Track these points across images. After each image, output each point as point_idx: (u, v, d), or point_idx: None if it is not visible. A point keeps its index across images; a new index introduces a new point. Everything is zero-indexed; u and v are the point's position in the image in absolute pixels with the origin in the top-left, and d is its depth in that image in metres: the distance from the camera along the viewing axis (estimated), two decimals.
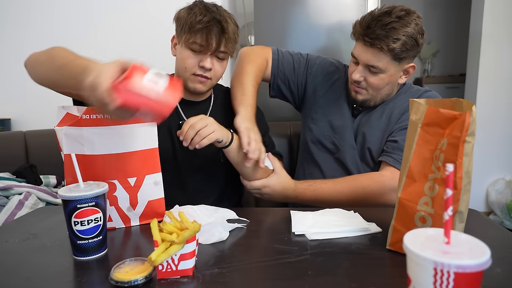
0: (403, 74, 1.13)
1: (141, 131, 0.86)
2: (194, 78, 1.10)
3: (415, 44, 1.05)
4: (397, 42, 1.02)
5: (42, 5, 1.93)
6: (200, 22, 1.03)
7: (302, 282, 0.61)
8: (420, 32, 1.05)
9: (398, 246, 0.70)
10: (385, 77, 1.10)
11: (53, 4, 1.93)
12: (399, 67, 1.10)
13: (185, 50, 1.07)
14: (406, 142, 0.71)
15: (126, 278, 0.59)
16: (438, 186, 0.64)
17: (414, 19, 1.04)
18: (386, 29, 1.02)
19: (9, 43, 1.98)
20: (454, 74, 3.91)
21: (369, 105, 1.19)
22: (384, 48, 1.03)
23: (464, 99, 0.68)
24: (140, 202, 0.88)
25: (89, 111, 0.82)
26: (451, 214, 0.44)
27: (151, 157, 0.88)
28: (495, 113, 2.59)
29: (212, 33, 1.04)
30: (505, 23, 2.49)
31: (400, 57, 1.06)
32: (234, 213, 0.93)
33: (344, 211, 0.91)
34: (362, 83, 1.13)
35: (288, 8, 1.83)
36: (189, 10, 1.07)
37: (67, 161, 0.80)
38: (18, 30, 1.96)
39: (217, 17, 1.05)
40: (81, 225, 0.70)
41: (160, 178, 0.89)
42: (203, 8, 1.06)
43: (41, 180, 1.55)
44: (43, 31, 1.95)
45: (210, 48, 1.05)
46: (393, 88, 1.17)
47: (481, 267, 0.40)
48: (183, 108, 1.18)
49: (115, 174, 0.84)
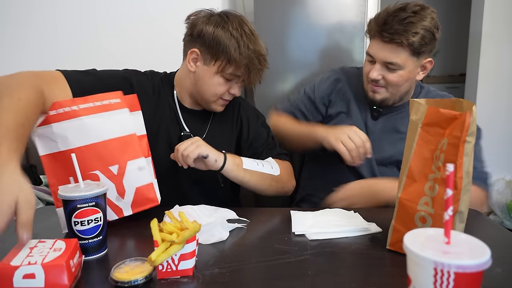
0: (421, 70, 1.12)
1: (113, 119, 0.85)
2: (219, 102, 1.09)
3: (433, 38, 1.04)
4: (416, 35, 1.01)
5: (43, 5, 1.93)
6: (245, 56, 0.99)
7: (302, 282, 0.61)
8: (436, 26, 1.05)
9: (398, 246, 0.70)
10: (404, 73, 1.08)
11: (55, 4, 1.93)
12: (417, 63, 1.08)
13: (218, 77, 1.03)
14: (406, 142, 0.71)
15: (126, 278, 0.59)
16: (438, 186, 0.64)
17: (429, 13, 1.04)
18: (404, 23, 1.01)
19: (9, 43, 1.98)
20: (454, 74, 3.91)
21: (387, 104, 1.17)
22: (404, 42, 1.02)
23: (464, 99, 0.68)
24: (128, 190, 0.86)
25: (56, 106, 0.80)
26: (451, 214, 0.44)
27: (130, 143, 0.86)
28: (495, 113, 2.59)
29: (254, 67, 1.01)
30: (505, 23, 2.49)
31: (419, 52, 1.05)
32: (234, 213, 0.93)
33: (344, 211, 0.91)
34: (381, 82, 1.11)
35: (288, 8, 1.83)
36: (229, 35, 0.99)
37: (45, 163, 0.81)
38: (18, 30, 1.96)
39: (261, 51, 1.02)
40: (81, 225, 0.70)
41: (144, 163, 0.87)
42: (247, 36, 1.00)
43: (41, 180, 1.55)
44: (44, 31, 1.95)
45: (244, 82, 1.05)
46: (411, 85, 1.15)
47: (481, 267, 0.40)
48: (184, 116, 1.14)
49: (95, 165, 0.83)
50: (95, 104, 0.83)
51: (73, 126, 0.81)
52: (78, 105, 0.82)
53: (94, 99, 0.84)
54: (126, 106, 0.87)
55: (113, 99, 0.86)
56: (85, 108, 0.82)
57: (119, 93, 0.87)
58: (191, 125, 1.14)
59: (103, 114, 0.83)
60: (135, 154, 0.86)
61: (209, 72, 1.03)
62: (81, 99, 0.83)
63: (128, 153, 0.86)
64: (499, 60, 2.53)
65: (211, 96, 1.07)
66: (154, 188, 0.90)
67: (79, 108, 0.81)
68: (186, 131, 1.13)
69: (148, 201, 0.87)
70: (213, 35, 1.00)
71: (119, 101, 0.86)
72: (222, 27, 1.00)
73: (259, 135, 1.19)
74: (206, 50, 1.02)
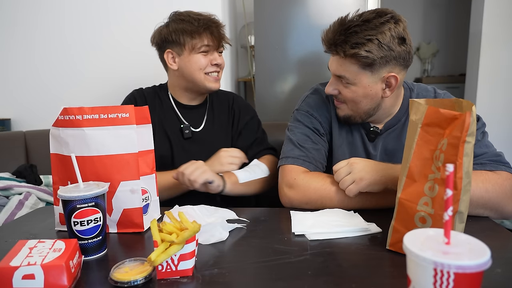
0: (385, 86, 0.97)
1: (116, 134, 0.82)
2: (210, 78, 1.22)
3: (387, 48, 0.91)
4: (357, 47, 0.91)
5: (44, 6, 1.93)
6: (200, 25, 1.16)
7: (302, 282, 0.61)
8: (396, 36, 0.91)
9: (398, 246, 0.70)
10: (358, 89, 0.97)
11: (56, 4, 1.93)
12: (373, 78, 0.95)
13: (194, 55, 1.19)
14: (406, 142, 0.71)
15: (126, 278, 0.59)
16: (438, 186, 0.64)
17: (385, 22, 0.91)
18: (346, 33, 0.92)
19: (9, 43, 1.98)
20: (454, 74, 3.91)
21: (355, 122, 1.06)
22: (341, 54, 0.93)
23: (464, 99, 0.68)
24: (115, 209, 0.83)
25: (65, 112, 0.81)
26: (451, 215, 0.44)
27: (128, 163, 0.83)
28: (495, 113, 2.59)
29: (213, 32, 1.18)
30: (505, 23, 2.49)
31: (370, 65, 0.93)
32: (234, 213, 0.93)
33: (344, 211, 0.91)
34: (339, 97, 1.03)
35: (288, 8, 1.83)
36: (179, 22, 1.18)
37: (52, 160, 0.86)
38: (19, 31, 1.96)
39: (209, 17, 1.19)
40: (81, 225, 0.70)
41: (138, 186, 0.83)
42: (191, 15, 1.19)
43: (41, 180, 1.55)
44: (44, 31, 1.95)
45: (215, 44, 1.19)
46: (376, 103, 1.01)
47: (481, 267, 0.40)
48: (181, 112, 1.27)
49: (89, 177, 0.80)
50: (101, 117, 0.81)
51: (75, 135, 0.81)
52: (82, 115, 0.80)
53: (102, 111, 0.81)
54: (135, 120, 0.83)
55: (122, 113, 0.82)
56: (89, 119, 0.80)
57: (131, 107, 0.82)
58: (189, 118, 1.27)
59: (107, 128, 0.81)
60: (130, 176, 0.83)
61: (186, 58, 1.20)
62: (88, 109, 0.81)
63: (124, 173, 0.83)
64: (499, 60, 2.53)
65: (198, 74, 1.20)
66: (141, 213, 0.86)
67: (83, 119, 0.80)
68: (185, 123, 1.25)
69: (133, 225, 0.84)
70: (169, 31, 1.19)
71: (127, 116, 0.82)
72: (172, 21, 1.20)
73: (250, 127, 1.30)
74: (173, 44, 1.20)
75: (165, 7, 1.90)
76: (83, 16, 1.94)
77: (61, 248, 0.62)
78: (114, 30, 1.94)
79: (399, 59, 0.94)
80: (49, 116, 1.05)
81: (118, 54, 1.95)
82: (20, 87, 2.01)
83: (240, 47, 2.53)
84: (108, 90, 1.98)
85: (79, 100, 1.99)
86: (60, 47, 1.97)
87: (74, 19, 1.94)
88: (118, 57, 1.95)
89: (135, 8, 1.91)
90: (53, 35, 1.96)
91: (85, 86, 2.00)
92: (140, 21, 1.90)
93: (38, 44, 1.97)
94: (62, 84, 2.00)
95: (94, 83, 1.99)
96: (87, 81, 1.99)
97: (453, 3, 3.96)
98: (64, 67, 1.99)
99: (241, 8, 2.31)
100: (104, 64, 1.97)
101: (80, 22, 1.95)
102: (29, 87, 2.02)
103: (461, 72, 3.50)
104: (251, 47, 2.28)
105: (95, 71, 1.98)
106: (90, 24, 1.94)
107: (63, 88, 2.00)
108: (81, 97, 2.00)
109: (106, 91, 1.98)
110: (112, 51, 1.95)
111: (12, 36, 1.97)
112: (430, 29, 4.06)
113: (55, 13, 1.94)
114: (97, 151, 0.82)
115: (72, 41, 1.96)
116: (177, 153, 1.22)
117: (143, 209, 0.86)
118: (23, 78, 2.01)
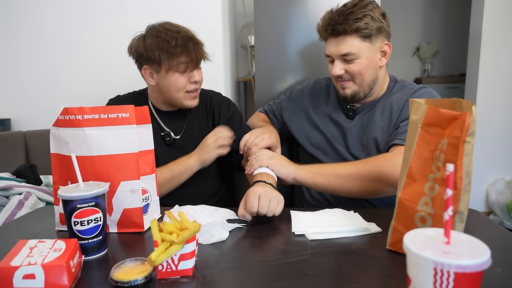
0: (381, 55, 1.14)
1: (117, 134, 0.82)
2: (188, 96, 1.19)
3: (378, 21, 1.09)
4: (358, 21, 1.07)
5: (44, 6, 1.93)
6: (177, 45, 1.10)
7: (302, 282, 0.61)
8: (379, 12, 1.11)
9: (398, 246, 0.70)
10: (363, 61, 1.11)
11: (56, 5, 1.93)
12: (373, 48, 1.11)
13: (172, 74, 1.14)
14: (406, 142, 0.71)
15: (126, 278, 0.59)
16: (438, 186, 0.64)
17: (368, 3, 1.11)
18: (344, 15, 1.09)
19: (9, 43, 1.98)
20: (454, 74, 3.91)
21: (360, 98, 1.18)
22: (347, 29, 1.08)
23: (464, 99, 0.68)
24: (115, 209, 0.84)
25: (65, 112, 0.81)
26: (451, 214, 0.44)
27: (128, 162, 0.83)
28: (495, 113, 2.59)
29: (191, 50, 1.12)
30: (505, 23, 2.49)
31: (369, 35, 1.09)
32: (234, 213, 0.93)
33: (344, 211, 0.91)
34: (345, 76, 1.14)
35: (288, 8, 1.82)
36: (155, 39, 1.12)
37: (53, 160, 0.86)
38: (19, 31, 1.96)
39: (187, 35, 1.14)
40: (81, 225, 0.70)
41: (138, 186, 0.83)
42: (169, 32, 1.12)
43: (41, 180, 1.55)
44: (44, 31, 1.95)
45: (194, 63, 1.14)
46: (376, 72, 1.15)
47: (481, 267, 0.40)
48: (162, 119, 1.26)
49: (89, 177, 0.80)
50: (101, 117, 0.81)
51: (75, 135, 0.81)
52: (83, 115, 0.80)
53: (102, 110, 0.81)
54: (135, 120, 0.83)
55: (123, 113, 0.82)
56: (89, 119, 0.80)
57: (131, 107, 0.82)
58: (169, 124, 1.26)
59: (107, 128, 0.81)
60: (131, 176, 0.83)
61: (164, 76, 1.15)
62: (89, 109, 0.81)
63: (124, 173, 0.83)
64: (499, 60, 2.53)
65: (177, 92, 1.17)
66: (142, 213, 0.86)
67: (83, 119, 0.80)
68: (166, 130, 1.25)
69: (133, 225, 0.84)
70: (146, 47, 1.13)
71: (127, 116, 0.82)
72: (148, 37, 1.14)
73: (231, 124, 1.26)
74: (150, 61, 1.15)
75: (168, 7, 1.91)
76: (83, 16, 1.94)
77: (61, 248, 0.62)
78: (114, 30, 1.94)
79: (386, 30, 1.14)
80: (49, 116, 1.04)
81: (118, 54, 1.94)
82: (20, 87, 2.01)
83: (240, 47, 2.53)
84: (108, 90, 1.98)
85: (79, 100, 1.99)
86: (60, 47, 1.97)
87: (74, 19, 1.94)
88: (118, 57, 1.95)
89: (137, 8, 1.91)
90: (53, 35, 1.96)
91: (85, 86, 2.00)
92: (144, 21, 1.88)
93: (38, 44, 1.97)
94: (62, 84, 2.00)
95: (94, 83, 1.99)
96: (87, 81, 1.99)
97: (453, 3, 3.96)
98: (64, 67, 1.98)
99: (241, 8, 2.31)
100: (104, 64, 1.97)
101: (80, 22, 1.94)
102: (29, 87, 2.02)
103: (461, 72, 3.50)
104: (251, 47, 2.28)
105: (95, 71, 1.98)
106: (90, 24, 1.94)
107: (63, 88, 2.00)
108: (81, 97, 2.00)
109: (107, 91, 1.98)
110: (112, 51, 1.95)
111: (12, 37, 1.97)
112: (430, 29, 4.05)
113: (55, 13, 1.94)
114: (98, 151, 0.82)
115: (72, 41, 1.96)
116: (161, 160, 1.18)
117: (143, 209, 0.86)
118: (23, 78, 2.01)
